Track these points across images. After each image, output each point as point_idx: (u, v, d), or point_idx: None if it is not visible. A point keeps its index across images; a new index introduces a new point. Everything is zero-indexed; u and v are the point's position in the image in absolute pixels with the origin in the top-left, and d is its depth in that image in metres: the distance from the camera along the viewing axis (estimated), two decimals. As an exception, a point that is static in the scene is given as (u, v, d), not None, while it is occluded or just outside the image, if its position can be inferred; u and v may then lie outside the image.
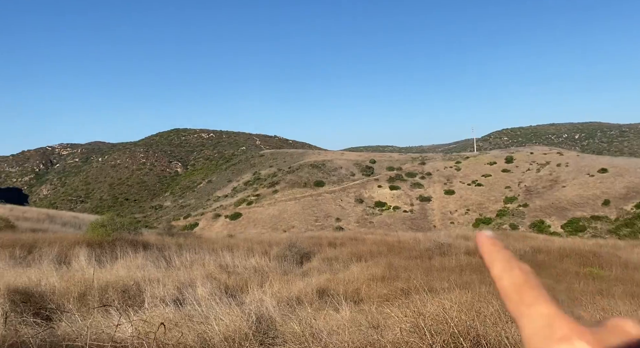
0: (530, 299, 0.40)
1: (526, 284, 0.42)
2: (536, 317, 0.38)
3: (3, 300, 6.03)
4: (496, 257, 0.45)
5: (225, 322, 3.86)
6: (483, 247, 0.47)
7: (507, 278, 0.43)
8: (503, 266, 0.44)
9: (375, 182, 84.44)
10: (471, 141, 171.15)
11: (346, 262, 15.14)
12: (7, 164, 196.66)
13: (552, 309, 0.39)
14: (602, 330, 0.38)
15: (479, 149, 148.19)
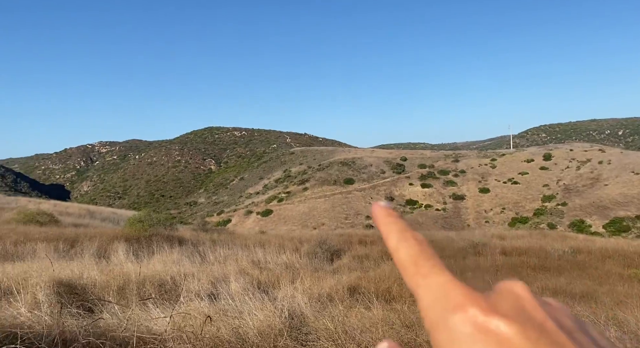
0: (426, 270, 0.40)
1: (422, 255, 0.41)
2: (432, 287, 0.38)
3: (49, 292, 6.31)
4: (392, 228, 0.44)
5: (259, 317, 3.91)
6: (378, 218, 0.46)
7: (403, 249, 0.42)
8: (399, 237, 0.43)
9: (407, 180, 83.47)
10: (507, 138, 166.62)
11: (377, 260, 15.02)
12: (50, 161, 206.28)
13: (447, 278, 0.39)
14: (495, 295, 0.38)
15: (515, 146, 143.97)
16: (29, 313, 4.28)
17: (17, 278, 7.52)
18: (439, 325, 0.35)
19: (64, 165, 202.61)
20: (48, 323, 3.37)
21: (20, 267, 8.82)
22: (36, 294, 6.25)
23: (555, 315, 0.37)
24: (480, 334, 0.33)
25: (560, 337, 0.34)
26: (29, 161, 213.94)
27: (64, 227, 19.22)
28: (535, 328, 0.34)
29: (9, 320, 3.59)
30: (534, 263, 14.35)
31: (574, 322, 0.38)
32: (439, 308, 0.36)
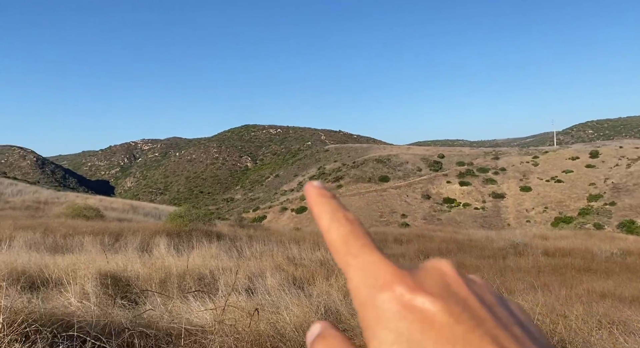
0: (356, 249, 0.40)
1: (352, 234, 0.41)
2: (361, 266, 0.39)
3: (95, 283, 6.62)
4: (324, 209, 0.44)
5: (295, 312, 3.95)
6: (311, 198, 0.45)
7: (335, 230, 0.42)
8: (331, 218, 0.43)
9: (444, 178, 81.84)
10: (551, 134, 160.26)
11: (413, 259, 14.85)
12: (96, 158, 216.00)
13: (377, 257, 0.39)
14: (421, 272, 0.39)
15: (559, 143, 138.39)
16: (79, 303, 4.50)
17: (66, 269, 7.93)
18: (367, 304, 0.36)
19: (108, 162, 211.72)
20: (96, 313, 3.53)
21: (69, 258, 9.28)
22: (84, 285, 6.57)
23: (478, 291, 0.38)
24: (406, 311, 0.34)
25: (481, 312, 0.35)
26: (76, 158, 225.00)
27: (109, 221, 20.07)
28: (458, 304, 0.35)
29: (61, 309, 3.79)
30: (579, 265, 13.75)
31: (495, 298, 0.39)
32: (367, 287, 0.37)
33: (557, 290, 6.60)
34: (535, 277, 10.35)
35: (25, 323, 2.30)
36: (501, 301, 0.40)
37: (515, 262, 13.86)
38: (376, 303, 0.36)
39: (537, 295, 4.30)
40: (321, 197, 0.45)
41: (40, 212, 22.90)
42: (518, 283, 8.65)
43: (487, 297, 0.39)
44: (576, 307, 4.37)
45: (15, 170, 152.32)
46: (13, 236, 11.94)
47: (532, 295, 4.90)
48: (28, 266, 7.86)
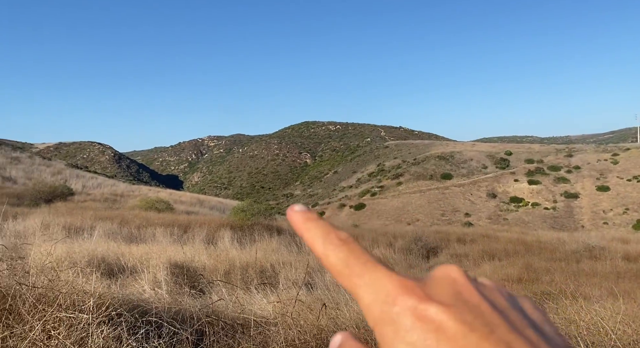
0: (359, 269, 0.39)
1: (351, 254, 0.40)
2: (369, 284, 0.38)
3: (166, 272, 7.03)
4: (315, 234, 0.42)
5: (356, 309, 3.95)
6: (297, 225, 0.43)
7: (332, 253, 0.40)
8: (324, 242, 0.41)
9: (511, 176, 77.91)
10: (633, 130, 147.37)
11: (477, 260, 14.31)
12: (167, 154, 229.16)
13: (382, 272, 0.38)
14: (431, 281, 0.38)
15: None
16: (152, 290, 4.81)
17: (140, 258, 8.51)
18: (381, 320, 0.35)
19: (178, 158, 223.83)
20: (168, 300, 3.76)
21: (143, 248, 9.95)
22: (156, 274, 7.01)
23: (490, 296, 0.38)
24: (420, 323, 0.34)
25: (494, 317, 0.35)
26: (149, 153, 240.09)
27: (178, 214, 21.23)
28: (470, 312, 0.35)
29: (136, 296, 4.07)
30: (667, 273, 12.52)
31: (508, 300, 0.39)
32: (379, 304, 0.36)
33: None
34: (614, 283, 9.57)
35: (112, 307, 2.51)
36: (513, 302, 0.39)
37: (590, 266, 12.90)
38: (390, 318, 0.35)
39: (618, 303, 3.97)
40: (309, 222, 0.43)
41: (117, 204, 24.71)
42: (594, 289, 8.05)
43: (499, 301, 0.38)
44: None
45: (95, 164, 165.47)
46: (94, 226, 13.00)
47: (611, 302, 4.55)
48: (107, 254, 8.52)
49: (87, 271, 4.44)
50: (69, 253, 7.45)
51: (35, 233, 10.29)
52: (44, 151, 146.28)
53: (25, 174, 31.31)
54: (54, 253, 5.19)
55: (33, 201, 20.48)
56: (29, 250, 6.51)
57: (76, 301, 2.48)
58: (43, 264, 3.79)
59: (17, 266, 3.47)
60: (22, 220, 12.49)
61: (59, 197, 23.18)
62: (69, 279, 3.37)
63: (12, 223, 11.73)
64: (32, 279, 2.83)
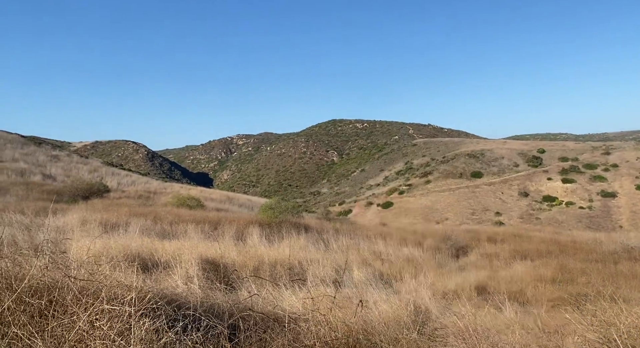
0: None
1: None
2: None
3: (197, 268, 7.20)
4: None
5: (384, 307, 3.95)
6: None
7: None
8: None
9: (544, 174, 75.54)
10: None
11: (508, 259, 13.99)
12: (197, 152, 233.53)
13: None
14: None
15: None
16: (184, 285, 4.94)
17: (173, 254, 8.73)
18: None
19: (208, 156, 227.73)
20: (200, 295, 3.86)
21: (175, 244, 10.19)
22: (188, 269, 7.18)
23: None
24: None
25: None
26: (180, 152, 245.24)
27: (209, 210, 21.62)
28: None
29: (170, 290, 4.19)
30: None
31: None
32: None
33: (683, 304, 5.79)
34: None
35: (153, 300, 2.61)
36: None
37: (629, 267, 12.39)
38: None
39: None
40: None
41: (150, 201, 25.39)
42: (634, 292, 7.75)
43: None
44: None
45: (130, 162, 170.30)
46: (129, 222, 13.41)
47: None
48: (141, 249, 8.78)
49: (124, 266, 4.60)
50: (106, 249, 7.72)
51: (74, 229, 10.72)
52: (81, 149, 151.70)
53: (64, 172, 32.58)
54: (92, 248, 5.40)
55: (71, 198, 21.30)
56: (69, 245, 6.79)
57: (118, 294, 2.59)
58: (82, 258, 3.95)
59: (59, 260, 3.63)
60: (62, 215, 13.02)
61: (95, 193, 24.02)
62: (107, 273, 3.51)
63: (53, 218, 12.25)
64: (74, 272, 2.97)
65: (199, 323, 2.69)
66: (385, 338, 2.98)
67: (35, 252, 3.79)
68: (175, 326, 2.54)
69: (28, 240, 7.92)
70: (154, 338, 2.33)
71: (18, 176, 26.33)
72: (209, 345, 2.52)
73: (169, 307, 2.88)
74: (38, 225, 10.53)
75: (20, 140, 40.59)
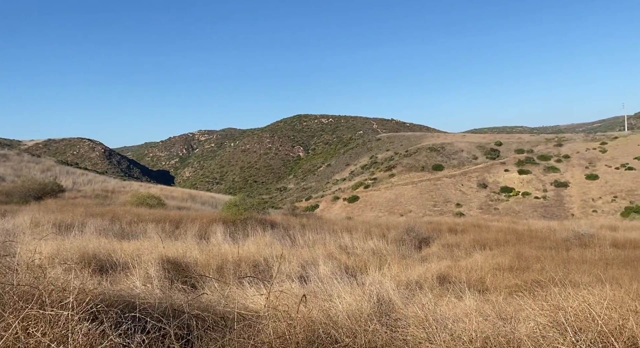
0: None
1: None
2: None
3: (158, 268, 6.99)
4: None
5: (348, 300, 3.97)
6: None
7: None
8: None
9: (502, 166, 78.47)
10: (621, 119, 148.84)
11: (468, 249, 14.41)
12: (157, 149, 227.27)
13: None
14: None
15: (631, 128, 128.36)
16: (143, 286, 4.78)
17: (132, 254, 8.44)
18: None
19: (168, 153, 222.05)
20: (159, 296, 3.74)
21: (134, 244, 9.87)
22: (148, 269, 6.97)
23: None
24: None
25: None
26: (139, 149, 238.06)
27: (170, 209, 21.08)
28: None
29: (127, 292, 4.04)
30: (654, 259, 12.70)
31: None
32: None
33: (628, 284, 6.14)
34: (602, 270, 9.70)
35: (93, 303, 2.48)
36: None
37: (580, 253, 13.07)
38: None
39: (605, 289, 4.03)
40: None
41: (108, 200, 24.48)
42: (583, 276, 8.15)
43: None
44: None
45: (86, 161, 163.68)
46: (85, 222, 12.87)
47: (598, 288, 4.60)
48: (98, 251, 8.44)
49: (78, 268, 4.40)
50: (60, 251, 7.37)
51: (24, 231, 10.17)
52: (32, 148, 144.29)
53: (14, 172, 30.89)
54: (42, 251, 5.13)
55: (22, 198, 20.25)
56: (17, 248, 6.43)
57: (61, 298, 2.45)
58: (30, 262, 3.74)
59: (4, 263, 3.42)
60: (11, 217, 12.34)
61: (49, 194, 22.92)
62: (57, 276, 3.34)
63: (1, 220, 11.59)
64: (18, 277, 2.79)
65: (151, 325, 2.59)
66: (345, 331, 2.99)
67: (-22, 257, 3.55)
68: (122, 328, 2.43)
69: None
70: (97, 342, 2.21)
71: (-38, 177, 24.74)
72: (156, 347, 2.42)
73: (120, 308, 2.76)
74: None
75: (-36, 139, 38.14)
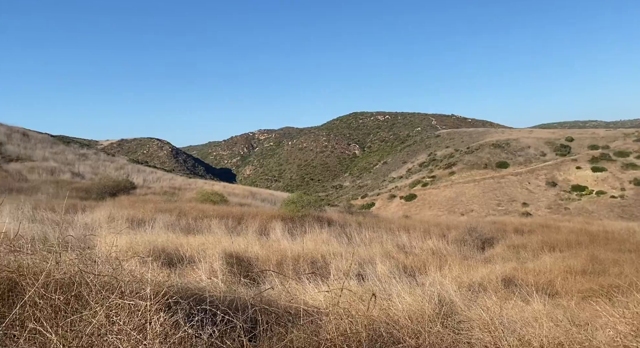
0: None
1: None
2: None
3: (221, 262, 7.27)
4: None
5: (408, 300, 3.89)
6: None
7: None
8: None
9: (573, 163, 73.44)
10: None
11: (536, 251, 13.65)
12: (220, 148, 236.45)
13: None
14: None
15: None
16: (208, 279, 4.99)
17: (197, 249, 8.85)
18: None
19: (230, 152, 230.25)
20: (223, 289, 3.89)
21: (199, 239, 10.34)
22: (212, 263, 7.27)
23: None
24: None
25: None
26: (204, 148, 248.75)
27: (232, 205, 21.85)
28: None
29: (194, 284, 4.24)
30: None
31: None
32: None
33: None
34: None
35: (168, 295, 2.63)
36: None
37: (665, 259, 11.92)
38: None
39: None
40: None
41: (175, 197, 25.84)
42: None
43: None
44: None
45: (155, 159, 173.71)
46: (154, 218, 13.66)
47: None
48: (166, 245, 8.93)
49: (149, 261, 4.68)
50: (132, 244, 7.88)
51: (101, 225, 10.99)
52: (107, 148, 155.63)
53: (92, 169, 33.47)
54: (118, 244, 5.52)
55: (99, 195, 21.86)
56: (96, 241, 6.96)
57: (138, 289, 2.62)
58: (108, 254, 4.04)
59: (85, 255, 3.71)
60: (90, 212, 13.37)
61: (122, 190, 24.59)
62: (131, 268, 3.57)
63: (81, 215, 12.59)
64: (99, 268, 3.02)
65: (220, 317, 2.70)
66: (407, 332, 2.94)
67: (64, 248, 3.88)
68: (194, 320, 2.56)
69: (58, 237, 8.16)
70: (172, 333, 2.34)
71: (48, 174, 27.19)
72: (226, 339, 2.52)
73: (189, 301, 2.90)
74: (68, 222, 10.84)
75: (49, 140, 41.89)
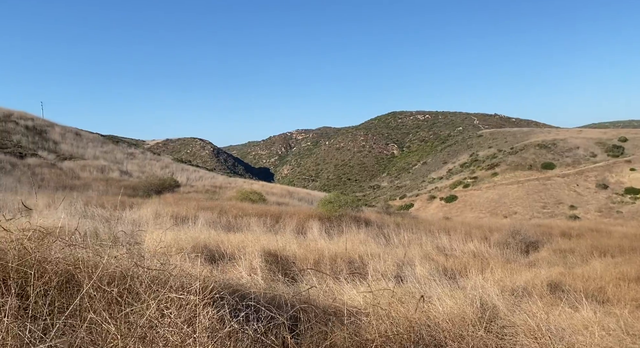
0: None
1: None
2: None
3: (261, 260, 7.40)
4: None
5: (449, 303, 3.82)
6: None
7: None
8: None
9: (627, 164, 69.46)
10: None
11: (585, 256, 13.02)
12: (259, 148, 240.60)
13: None
14: None
15: None
16: (248, 276, 5.10)
17: (237, 246, 9.05)
18: None
19: (269, 151, 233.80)
20: (263, 286, 3.96)
21: (239, 236, 10.56)
22: (252, 261, 7.41)
23: None
24: None
25: None
26: (243, 148, 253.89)
27: (270, 204, 22.18)
28: None
29: (235, 281, 4.35)
30: None
31: None
32: None
33: None
34: None
35: (215, 290, 2.73)
36: None
37: None
38: None
39: None
40: None
41: (216, 195, 26.53)
42: None
43: None
44: None
45: (197, 159, 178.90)
46: (197, 215, 14.08)
47: None
48: (208, 241, 9.19)
49: (193, 256, 4.84)
50: (177, 240, 8.16)
51: (148, 222, 11.45)
52: (153, 147, 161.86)
53: (139, 168, 34.90)
54: (164, 240, 5.73)
55: (145, 192, 22.77)
56: (143, 237, 7.26)
57: (185, 283, 2.73)
58: (155, 249, 4.20)
59: (134, 250, 3.89)
60: (137, 209, 13.96)
61: (167, 188, 25.51)
62: (177, 263, 3.70)
63: (129, 212, 13.16)
64: (147, 262, 3.16)
65: (261, 314, 2.76)
66: (449, 335, 2.88)
67: (114, 243, 4.08)
68: (239, 315, 2.63)
69: (107, 232, 8.57)
70: (218, 327, 2.42)
71: (98, 173, 28.58)
72: (270, 335, 2.58)
73: (233, 296, 2.98)
74: (116, 218, 11.36)
75: (100, 139, 44.00)
